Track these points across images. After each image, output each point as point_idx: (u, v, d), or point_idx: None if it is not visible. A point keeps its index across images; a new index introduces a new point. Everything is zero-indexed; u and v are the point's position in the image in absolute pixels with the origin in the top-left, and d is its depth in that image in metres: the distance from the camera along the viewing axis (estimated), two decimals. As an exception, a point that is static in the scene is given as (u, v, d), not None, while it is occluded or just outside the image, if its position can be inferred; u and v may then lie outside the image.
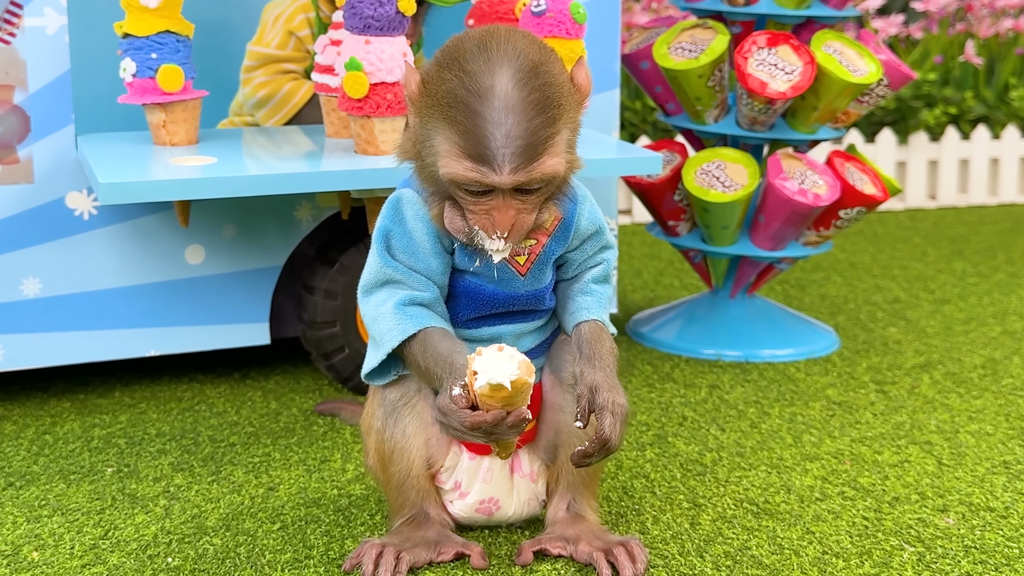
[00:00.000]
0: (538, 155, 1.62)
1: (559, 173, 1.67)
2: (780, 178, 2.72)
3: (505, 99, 1.60)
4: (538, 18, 2.33)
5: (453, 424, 1.68)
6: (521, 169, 1.62)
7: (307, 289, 2.53)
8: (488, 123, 1.60)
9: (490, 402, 1.63)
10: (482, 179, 1.63)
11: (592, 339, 1.80)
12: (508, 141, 1.60)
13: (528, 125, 1.61)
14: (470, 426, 1.64)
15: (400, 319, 1.74)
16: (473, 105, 1.61)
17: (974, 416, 2.46)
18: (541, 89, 1.62)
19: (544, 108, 1.62)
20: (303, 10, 2.67)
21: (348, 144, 2.41)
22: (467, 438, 1.70)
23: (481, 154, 1.61)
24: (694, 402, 2.53)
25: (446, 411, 1.68)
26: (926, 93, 4.51)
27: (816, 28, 2.81)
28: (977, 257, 3.76)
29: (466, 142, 1.62)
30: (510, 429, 1.66)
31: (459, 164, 1.63)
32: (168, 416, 2.44)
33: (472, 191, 1.66)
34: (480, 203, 1.67)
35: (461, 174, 1.64)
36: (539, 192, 1.68)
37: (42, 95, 2.33)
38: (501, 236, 1.67)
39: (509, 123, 1.60)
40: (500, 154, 1.61)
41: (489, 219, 1.67)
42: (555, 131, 1.64)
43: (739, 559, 1.86)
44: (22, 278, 2.38)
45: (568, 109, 1.67)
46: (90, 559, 1.86)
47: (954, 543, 1.92)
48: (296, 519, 1.99)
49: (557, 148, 1.65)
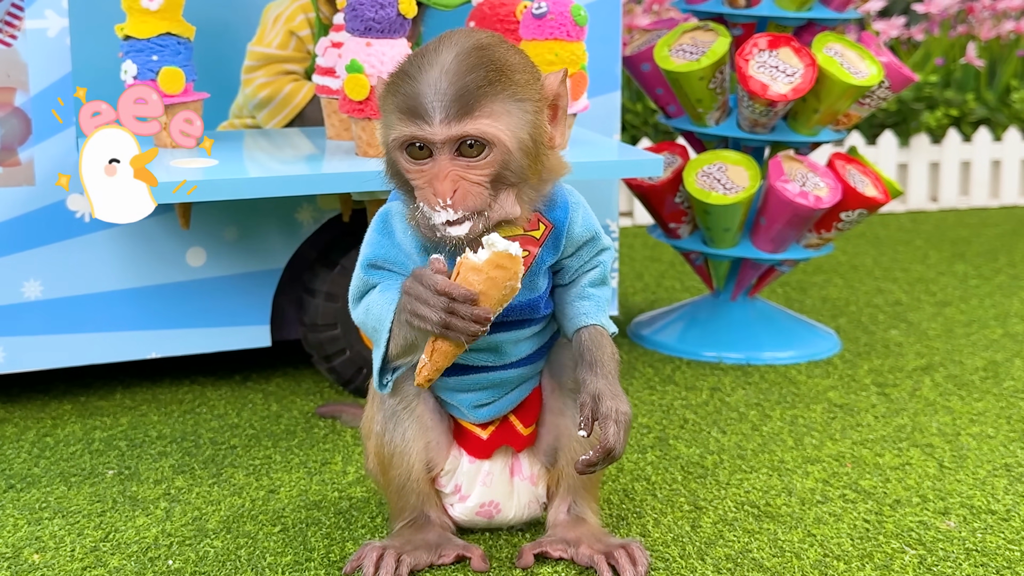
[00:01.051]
0: (470, 110, 1.64)
1: (498, 138, 1.65)
2: (781, 180, 2.72)
3: (442, 66, 1.65)
4: (539, 20, 2.33)
5: (420, 284, 1.63)
6: (453, 120, 1.63)
7: (308, 291, 2.53)
8: (421, 84, 1.64)
9: (474, 277, 1.62)
10: (416, 131, 1.65)
11: (593, 345, 1.79)
12: (439, 95, 1.63)
13: (460, 82, 1.63)
14: (440, 291, 1.61)
15: (387, 293, 1.75)
16: (412, 73, 1.66)
17: (975, 419, 2.46)
18: (481, 59, 1.65)
19: (479, 69, 1.64)
20: (303, 10, 2.67)
21: (349, 146, 2.41)
22: (419, 314, 1.63)
23: (413, 108, 1.64)
24: (695, 404, 2.53)
25: (418, 274, 1.65)
26: (927, 95, 4.51)
27: (817, 30, 2.81)
28: (978, 259, 3.76)
29: (401, 101, 1.65)
30: (470, 321, 1.62)
31: (398, 126, 1.66)
32: (169, 418, 2.44)
33: (414, 157, 1.67)
34: (423, 171, 1.67)
35: (398, 132, 1.66)
36: (483, 159, 1.66)
37: (43, 97, 2.33)
38: (445, 204, 1.66)
39: (443, 82, 1.64)
40: (431, 106, 1.63)
41: (431, 188, 1.66)
42: (490, 92, 1.64)
43: (740, 562, 1.86)
44: (23, 280, 2.38)
45: (517, 87, 1.66)
46: (91, 561, 1.86)
47: (955, 546, 1.92)
48: (297, 521, 1.99)
49: (496, 113, 1.65)
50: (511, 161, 1.67)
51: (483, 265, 1.62)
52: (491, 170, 1.67)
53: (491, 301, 1.63)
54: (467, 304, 1.62)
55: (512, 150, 1.67)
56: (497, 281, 1.63)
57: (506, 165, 1.67)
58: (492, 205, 1.68)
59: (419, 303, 1.64)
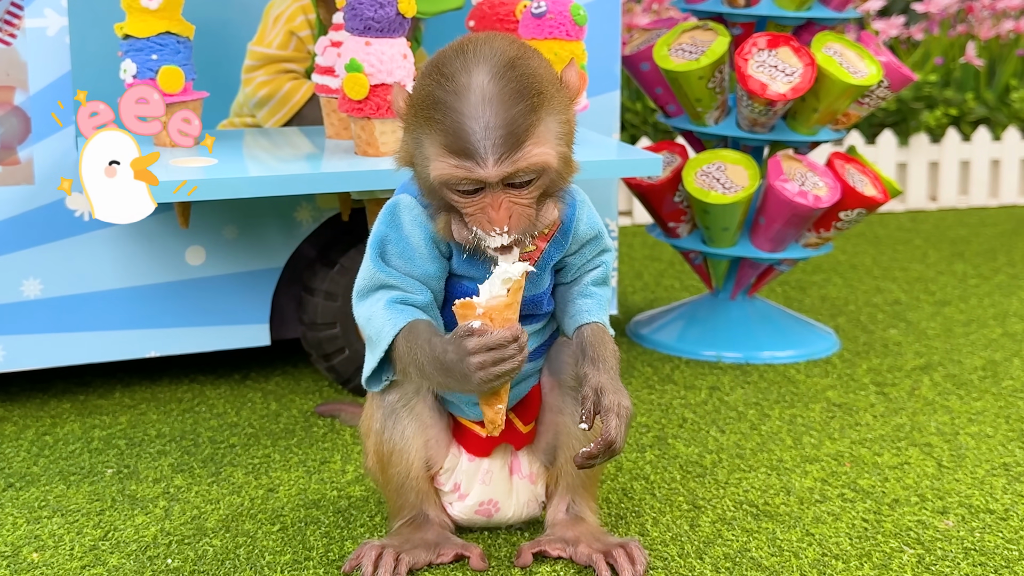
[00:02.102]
0: (520, 143, 1.62)
1: (548, 163, 1.66)
2: (780, 180, 2.72)
3: (481, 93, 1.61)
4: (538, 20, 2.33)
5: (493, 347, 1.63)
6: (506, 159, 1.62)
7: (307, 290, 2.53)
8: (466, 118, 1.61)
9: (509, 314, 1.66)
10: (469, 175, 1.63)
11: (595, 341, 1.80)
12: (488, 132, 1.60)
13: (507, 114, 1.61)
14: (512, 338, 1.63)
15: (392, 314, 1.74)
16: (451, 103, 1.61)
17: (974, 418, 2.46)
18: (518, 80, 1.62)
19: (522, 97, 1.62)
20: (303, 11, 2.67)
21: (348, 145, 2.41)
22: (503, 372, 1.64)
23: (464, 149, 1.62)
24: (694, 404, 2.53)
25: (481, 345, 1.63)
26: (927, 95, 4.51)
27: (816, 30, 2.81)
28: (978, 259, 3.76)
29: (448, 140, 1.62)
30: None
31: (445, 164, 1.64)
32: (168, 417, 2.44)
33: (464, 190, 1.66)
34: (474, 202, 1.67)
35: (448, 173, 1.64)
36: (532, 185, 1.67)
37: (43, 96, 2.33)
38: (501, 232, 1.66)
39: (487, 115, 1.60)
40: (482, 146, 1.61)
41: (485, 216, 1.66)
42: (536, 119, 1.63)
43: (739, 561, 1.86)
44: (23, 279, 2.38)
45: (552, 100, 1.66)
46: (90, 560, 1.86)
47: (954, 545, 1.92)
48: (296, 520, 1.99)
49: (542, 137, 1.64)
50: (555, 177, 1.70)
51: (511, 297, 1.66)
52: (539, 192, 1.69)
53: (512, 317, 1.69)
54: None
55: (557, 167, 1.68)
56: (518, 303, 1.68)
57: (552, 182, 1.70)
58: (538, 217, 1.71)
59: (498, 365, 1.64)
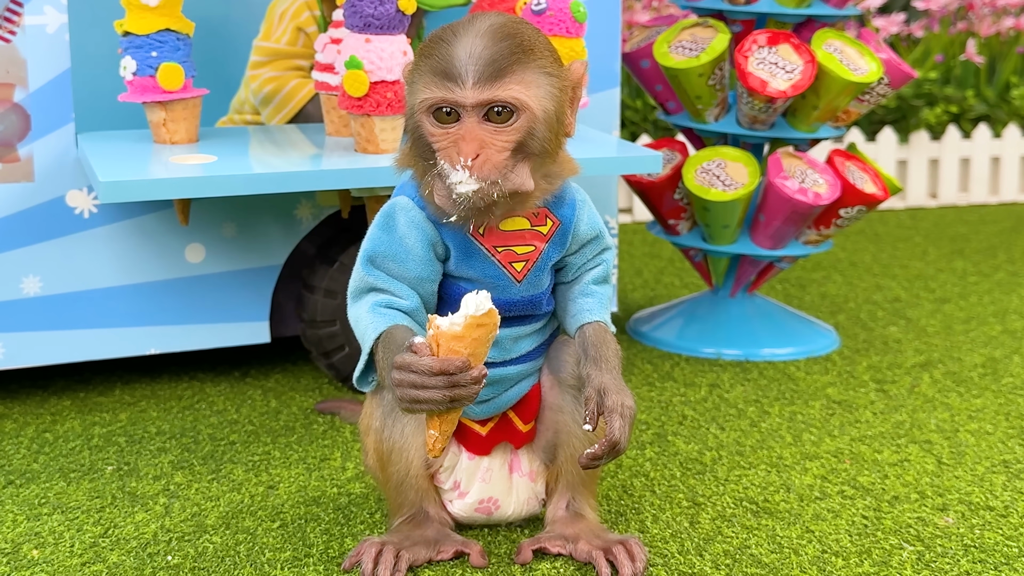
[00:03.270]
0: (502, 75, 1.65)
1: (527, 104, 1.67)
2: (780, 177, 2.72)
3: (475, 33, 1.67)
4: (538, 16, 2.33)
5: (414, 372, 1.58)
6: (485, 85, 1.65)
7: (307, 288, 2.53)
8: (455, 48, 1.66)
9: (458, 345, 1.58)
10: (447, 95, 1.66)
11: (597, 341, 1.80)
12: (472, 59, 1.65)
13: (495, 48, 1.65)
14: (438, 369, 1.57)
15: (374, 318, 1.74)
16: (446, 39, 1.68)
17: (974, 415, 2.46)
18: (513, 34, 1.67)
19: (513, 39, 1.66)
20: (308, 7, 2.67)
21: (348, 143, 2.41)
22: (422, 400, 1.59)
23: (446, 71, 1.66)
24: (694, 401, 2.53)
25: (405, 364, 1.59)
26: (927, 92, 4.51)
27: (817, 27, 2.81)
28: (978, 256, 3.76)
29: (434, 64, 1.67)
30: (471, 383, 1.59)
31: (427, 87, 1.67)
32: (168, 414, 2.45)
33: (442, 120, 1.67)
34: (448, 133, 1.68)
35: (428, 94, 1.67)
36: (509, 125, 1.67)
37: (42, 93, 2.33)
38: (465, 165, 1.66)
39: (477, 47, 1.66)
40: (464, 70, 1.65)
41: (455, 148, 1.67)
42: (524, 61, 1.66)
43: (738, 558, 1.86)
44: (22, 276, 2.38)
45: (545, 61, 1.69)
46: (90, 557, 1.86)
47: (953, 542, 1.92)
48: (296, 517, 1.99)
49: (527, 81, 1.67)
50: (536, 130, 1.69)
51: (464, 331, 1.58)
52: (516, 136, 1.68)
53: (479, 359, 1.60)
54: (465, 372, 1.59)
55: (538, 119, 1.69)
56: (481, 340, 1.59)
57: (531, 133, 1.69)
58: (508, 174, 1.68)
59: (417, 391, 1.59)
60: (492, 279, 1.78)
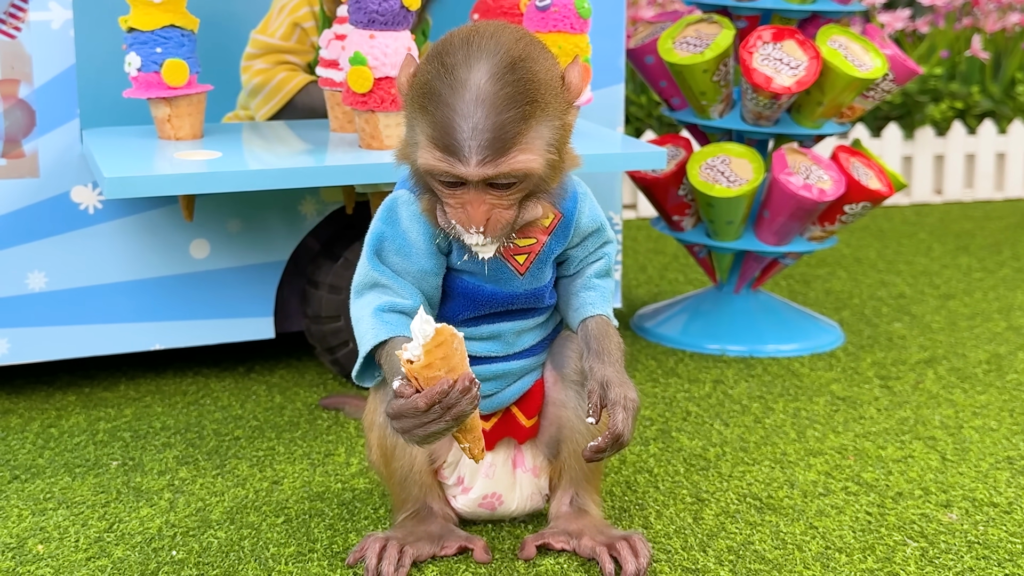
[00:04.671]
0: (506, 149, 1.61)
1: (533, 170, 1.65)
2: (785, 173, 2.72)
3: (477, 92, 1.60)
4: (543, 13, 2.33)
5: (408, 416, 1.59)
6: (488, 162, 1.62)
7: (311, 283, 2.53)
8: (457, 115, 1.60)
9: (430, 373, 1.57)
10: (450, 169, 1.63)
11: (600, 334, 1.80)
12: (475, 133, 1.60)
13: (497, 119, 1.60)
14: (426, 405, 1.56)
15: (375, 324, 1.74)
16: (446, 97, 1.61)
17: (978, 412, 2.46)
18: (516, 84, 1.61)
19: (517, 103, 1.60)
20: (308, 2, 2.67)
21: (352, 139, 2.41)
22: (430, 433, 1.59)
23: (449, 145, 1.61)
24: (698, 397, 2.53)
25: (397, 413, 1.60)
26: (932, 88, 4.51)
27: (821, 23, 2.81)
28: (983, 252, 3.76)
29: (437, 132, 1.62)
30: (462, 396, 1.57)
31: (431, 154, 1.64)
32: (173, 410, 2.45)
33: (446, 183, 1.66)
34: (455, 195, 1.67)
35: (432, 164, 1.64)
36: (514, 188, 1.66)
37: (47, 89, 2.34)
38: (478, 231, 1.67)
39: (478, 116, 1.60)
40: (467, 146, 1.61)
41: (464, 213, 1.67)
42: (526, 127, 1.62)
43: (742, 554, 1.86)
44: (27, 272, 2.38)
45: (549, 106, 1.65)
46: (95, 552, 1.86)
47: (957, 539, 1.92)
48: (300, 513, 1.99)
49: (530, 145, 1.63)
50: (540, 182, 1.69)
51: (427, 358, 1.57)
52: (521, 195, 1.68)
53: (460, 368, 1.59)
54: (451, 390, 1.57)
55: (542, 174, 1.67)
56: (449, 355, 1.58)
57: (535, 186, 1.69)
58: (517, 219, 1.70)
59: (420, 429, 1.59)
60: (494, 272, 1.79)
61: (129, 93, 2.35)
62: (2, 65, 2.30)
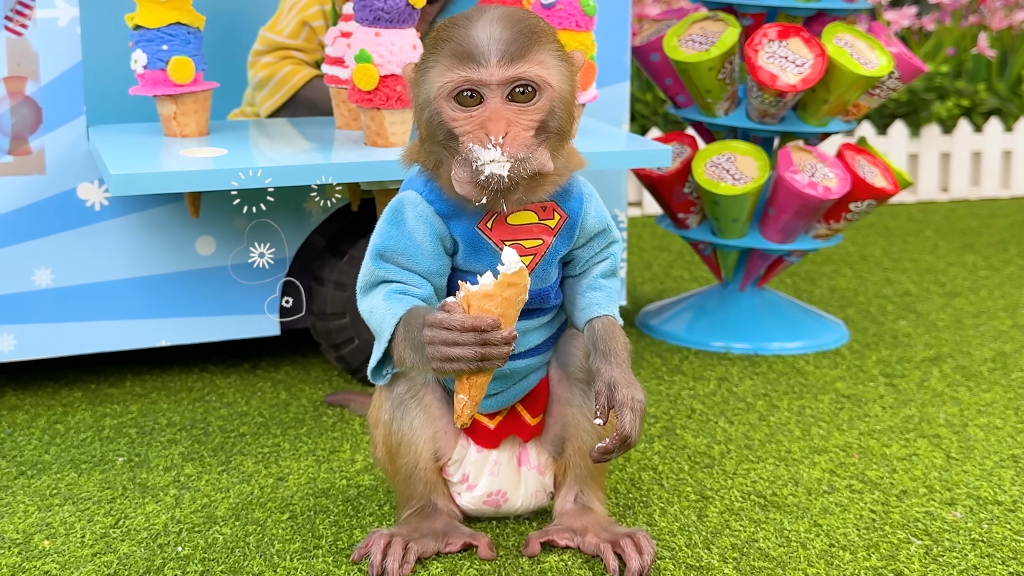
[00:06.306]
0: (524, 54, 1.67)
1: (550, 81, 1.68)
2: (790, 171, 2.72)
3: (490, 18, 1.69)
4: (548, 10, 2.33)
5: (444, 329, 1.60)
6: (509, 63, 1.66)
7: (317, 280, 2.54)
8: (474, 31, 1.68)
9: (488, 304, 1.61)
10: (470, 75, 1.66)
11: (606, 335, 1.80)
12: (493, 40, 1.67)
13: (513, 31, 1.67)
14: (469, 327, 1.59)
15: (391, 304, 1.74)
16: (460, 24, 1.69)
17: (983, 410, 2.46)
18: (528, 19, 1.70)
19: (526, 22, 1.69)
20: (318, 1, 2.68)
21: (358, 136, 2.41)
22: (450, 357, 1.61)
23: (468, 53, 1.67)
24: (703, 395, 2.54)
25: (437, 321, 1.61)
26: (938, 85, 4.50)
27: (827, 20, 2.81)
28: (988, 250, 3.76)
29: (454, 48, 1.68)
30: (502, 343, 1.60)
31: (448, 71, 1.68)
32: (179, 406, 2.46)
33: (464, 103, 1.67)
34: (472, 117, 1.68)
35: (449, 78, 1.67)
36: (533, 104, 1.68)
37: (54, 87, 2.34)
38: (496, 144, 1.66)
39: (495, 28, 1.67)
40: (487, 49, 1.66)
41: (482, 129, 1.67)
42: (540, 46, 1.68)
43: (746, 551, 1.87)
44: (34, 269, 2.39)
45: (556, 46, 1.71)
46: (100, 548, 1.87)
47: (961, 536, 1.92)
48: (305, 509, 2.00)
49: (545, 62, 1.69)
50: (556, 109, 1.71)
51: (495, 290, 1.61)
52: (540, 116, 1.69)
53: (510, 320, 1.63)
54: (495, 331, 1.61)
55: (558, 98, 1.70)
56: (511, 300, 1.62)
57: (552, 113, 1.70)
58: (534, 152, 1.69)
59: (449, 347, 1.61)
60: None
61: (135, 90, 2.35)
62: (9, 62, 2.31)
